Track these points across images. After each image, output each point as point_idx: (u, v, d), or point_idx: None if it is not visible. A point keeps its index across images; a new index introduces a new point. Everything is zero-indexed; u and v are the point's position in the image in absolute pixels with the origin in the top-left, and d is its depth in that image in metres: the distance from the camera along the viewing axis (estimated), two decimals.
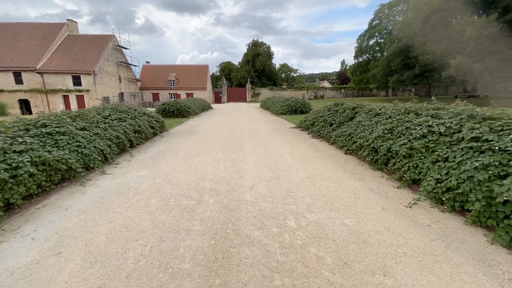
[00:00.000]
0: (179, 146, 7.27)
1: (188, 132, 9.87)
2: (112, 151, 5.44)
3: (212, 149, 6.73)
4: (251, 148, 6.84)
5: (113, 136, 5.71)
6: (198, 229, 2.83)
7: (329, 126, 7.60)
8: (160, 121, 9.15)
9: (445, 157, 3.39)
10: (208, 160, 5.65)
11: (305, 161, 5.51)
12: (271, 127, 10.86)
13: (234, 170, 4.90)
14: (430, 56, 24.38)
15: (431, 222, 2.89)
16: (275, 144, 7.33)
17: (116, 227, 2.89)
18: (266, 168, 5.03)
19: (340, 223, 2.91)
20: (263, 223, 2.92)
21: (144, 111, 8.58)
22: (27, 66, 29.58)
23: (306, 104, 15.94)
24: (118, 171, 5.01)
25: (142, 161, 5.68)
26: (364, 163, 5.25)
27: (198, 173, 4.75)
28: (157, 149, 6.93)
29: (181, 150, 6.75)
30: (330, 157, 5.82)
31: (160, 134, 9.11)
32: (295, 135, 8.85)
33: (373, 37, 43.56)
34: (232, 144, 7.33)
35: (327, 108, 8.41)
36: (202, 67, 46.73)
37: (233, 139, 8.21)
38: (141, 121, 7.54)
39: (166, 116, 15.07)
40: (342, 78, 75.05)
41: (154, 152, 6.54)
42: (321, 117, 8.24)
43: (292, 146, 7.07)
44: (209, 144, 7.46)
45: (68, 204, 3.56)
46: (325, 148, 6.73)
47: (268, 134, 9.11)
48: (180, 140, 8.11)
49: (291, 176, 4.54)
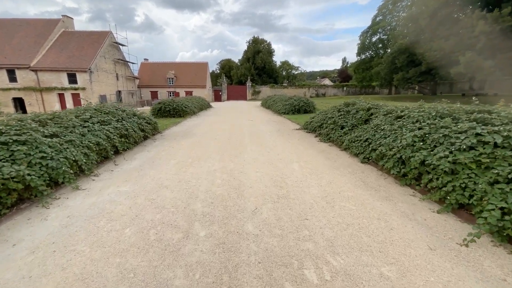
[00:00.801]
0: (172, 151, 6.46)
1: (183, 134, 9.05)
2: (90, 160, 4.64)
3: (209, 156, 5.92)
4: (252, 154, 6.03)
5: (93, 142, 4.90)
6: (181, 284, 2.03)
7: (340, 129, 6.78)
8: (152, 122, 8.34)
9: (509, 177, 2.58)
10: (203, 171, 4.85)
11: (317, 172, 4.71)
12: (274, 128, 10.04)
13: (232, 185, 4.09)
14: (437, 53, 23.43)
15: (505, 273, 2.09)
16: (280, 149, 6.52)
17: (68, 280, 2.09)
18: (271, 182, 4.22)
19: (378, 274, 2.11)
20: (271, 275, 2.11)
21: (134, 112, 7.76)
22: (21, 64, 28.72)
23: (310, 103, 15.07)
24: (95, 185, 4.21)
25: (127, 172, 4.88)
26: (388, 176, 4.44)
27: (189, 190, 3.95)
28: (146, 155, 6.12)
29: (173, 157, 5.95)
30: (344, 167, 5.00)
31: (153, 136, 8.30)
32: (300, 138, 8.03)
33: (376, 34, 42.62)
34: (231, 149, 6.53)
35: (336, 108, 7.58)
36: (201, 64, 45.75)
37: (233, 142, 7.41)
38: (129, 124, 6.73)
39: (162, 116, 14.26)
40: (343, 75, 74.16)
41: (142, 160, 5.74)
42: (330, 119, 7.41)
43: (299, 151, 6.26)
44: (206, 149, 6.65)
45: (19, 236, 2.76)
46: (337, 155, 5.92)
47: (270, 136, 8.30)
48: (174, 144, 7.30)
49: (302, 194, 3.74)
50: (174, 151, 6.47)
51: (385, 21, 40.91)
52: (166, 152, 6.39)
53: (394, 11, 39.34)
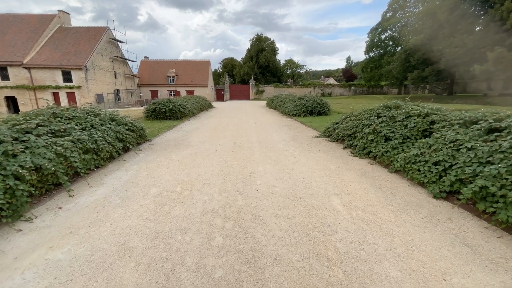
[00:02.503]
0: (156, 172, 4.75)
1: (176, 143, 7.33)
2: (17, 197, 2.94)
3: (206, 181, 4.20)
4: (267, 178, 4.30)
5: (27, 168, 3.20)
6: None
7: (384, 141, 5.02)
8: (137, 129, 6.64)
9: None
10: (195, 212, 3.14)
11: (375, 219, 2.96)
12: (288, 136, 8.28)
13: (242, 253, 2.37)
14: (459, 49, 21.44)
15: None
16: (304, 168, 4.78)
17: None
18: (308, 243, 2.49)
19: None
20: None
21: (113, 116, 6.06)
22: (14, 61, 27.26)
23: (324, 103, 13.25)
24: (15, 246, 2.52)
25: (79, 213, 3.18)
26: (502, 231, 2.69)
27: (167, 262, 2.23)
28: (121, 178, 4.42)
29: (155, 181, 4.23)
30: (414, 207, 3.25)
31: (138, 147, 6.60)
32: (326, 150, 6.27)
33: (386, 31, 40.58)
34: (237, 169, 4.80)
35: (374, 112, 5.80)
36: (203, 62, 44.04)
37: (238, 157, 5.68)
38: (101, 133, 5.03)
39: (157, 118, 12.58)
40: (348, 75, 72.27)
41: (112, 186, 4.03)
42: (367, 126, 5.64)
43: (331, 173, 4.51)
44: (202, 168, 4.93)
45: None
46: (390, 181, 4.15)
47: (286, 147, 6.55)
48: (161, 159, 5.59)
49: (372, 280, 2.00)
50: (160, 172, 4.75)
51: (395, 17, 38.86)
52: (148, 173, 4.67)
53: (406, 7, 37.30)
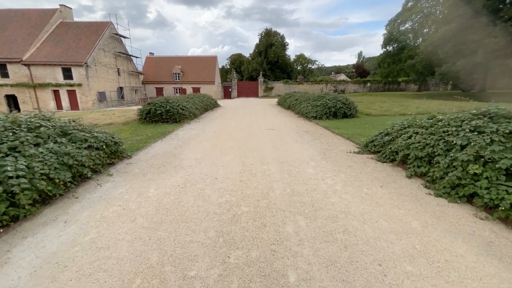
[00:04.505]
0: (106, 238, 2.78)
1: (164, 161, 5.35)
2: None
3: (187, 271, 2.21)
4: (308, 268, 2.27)
5: None
6: None
7: (504, 176, 2.88)
8: (109, 144, 4.72)
9: None
10: None
11: None
12: (315, 150, 6.16)
13: None
14: (501, 39, 18.57)
15: None
16: (367, 229, 2.72)
17: None
18: None
19: None
20: None
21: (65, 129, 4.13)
22: (13, 57, 26.06)
23: (350, 103, 10.95)
24: None
25: None
26: None
27: None
28: (40, 253, 2.50)
29: (93, 270, 2.28)
30: None
31: (108, 169, 4.69)
32: (381, 179, 4.16)
33: (406, 22, 37.27)
34: (247, 232, 2.79)
35: (459, 117, 3.62)
36: (210, 58, 42.07)
37: (249, 197, 3.66)
38: (28, 160, 3.10)
39: (152, 121, 10.68)
40: (360, 71, 69.11)
41: (35, 264, 2.11)
42: (456, 147, 3.48)
43: (428, 250, 2.43)
44: (188, 225, 2.94)
45: None
46: None
47: (319, 173, 4.48)
48: (130, 199, 3.61)
49: None
50: (116, 231, 2.78)
51: (417, 6, 35.49)
52: (96, 236, 2.70)
53: None
